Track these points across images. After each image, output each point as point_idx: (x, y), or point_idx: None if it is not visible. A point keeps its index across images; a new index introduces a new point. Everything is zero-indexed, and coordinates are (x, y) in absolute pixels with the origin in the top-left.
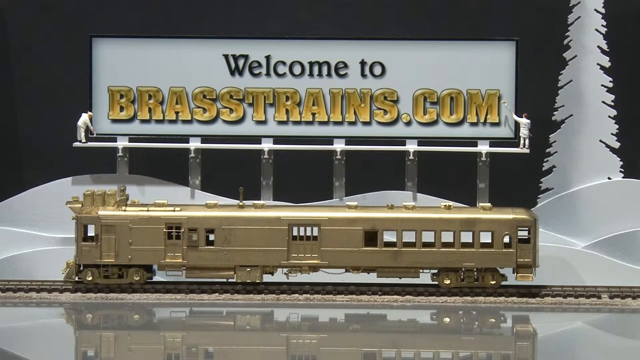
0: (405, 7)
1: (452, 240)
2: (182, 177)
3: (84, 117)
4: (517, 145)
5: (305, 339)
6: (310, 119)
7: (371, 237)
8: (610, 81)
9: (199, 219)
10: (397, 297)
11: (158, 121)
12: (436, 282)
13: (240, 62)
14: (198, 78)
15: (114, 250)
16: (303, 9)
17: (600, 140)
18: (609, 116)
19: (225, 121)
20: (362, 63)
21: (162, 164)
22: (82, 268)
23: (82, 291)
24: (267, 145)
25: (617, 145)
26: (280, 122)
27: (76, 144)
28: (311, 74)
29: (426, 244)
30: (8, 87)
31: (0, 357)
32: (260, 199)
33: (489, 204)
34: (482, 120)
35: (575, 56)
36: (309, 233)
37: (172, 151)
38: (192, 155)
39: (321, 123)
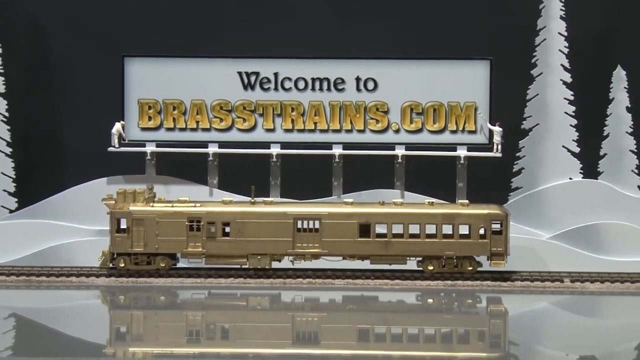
0: (395, 30)
1: (435, 232)
2: (202, 177)
3: (117, 126)
4: (491, 150)
5: (308, 317)
6: (313, 128)
7: (365, 230)
8: (571, 95)
9: (216, 214)
10: (387, 281)
11: (181, 129)
12: (421, 268)
13: (252, 78)
14: (216, 92)
15: (143, 240)
16: (307, 32)
17: (563, 146)
18: (571, 125)
19: (239, 129)
20: (357, 79)
21: (184, 166)
22: (115, 256)
23: (115, 276)
24: (275, 150)
25: (577, 150)
26: (287, 130)
27: (110, 149)
28: (313, 89)
29: (412, 235)
30: (51, 100)
31: (46, 333)
32: (269, 197)
33: (467, 201)
34: (460, 128)
35: (542, 73)
36: (311, 226)
37: (193, 155)
38: (211, 158)
39: (322, 131)
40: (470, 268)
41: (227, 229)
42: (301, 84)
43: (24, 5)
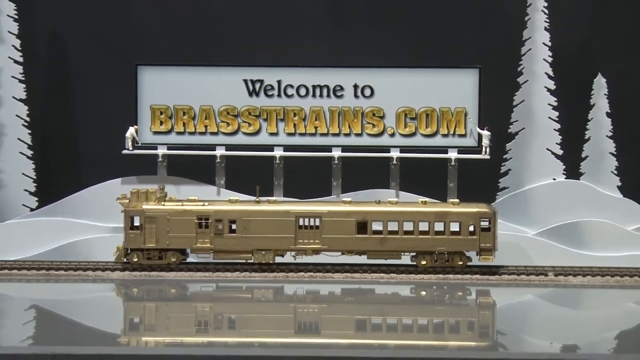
0: (391, 41)
1: (427, 229)
2: (210, 178)
3: (131, 130)
4: (480, 153)
5: (309, 309)
6: (313, 132)
7: (362, 227)
8: (555, 101)
9: (223, 212)
10: (383, 274)
11: (190, 133)
12: (414, 263)
13: (257, 85)
14: (223, 98)
15: (155, 237)
16: (308, 43)
17: (547, 149)
18: (554, 129)
19: (244, 133)
20: (355, 86)
21: (193, 168)
22: (129, 251)
23: (129, 270)
24: (278, 153)
25: (560, 152)
26: (289, 134)
27: (124, 151)
28: (314, 95)
29: (406, 232)
30: (69, 105)
31: (64, 323)
32: (273, 196)
33: (457, 200)
34: (451, 132)
35: (527, 80)
36: (312, 223)
37: (202, 157)
38: (218, 160)
39: (322, 135)
40: (461, 263)
41: (234, 226)
42: (303, 91)
43: (44, 16)
